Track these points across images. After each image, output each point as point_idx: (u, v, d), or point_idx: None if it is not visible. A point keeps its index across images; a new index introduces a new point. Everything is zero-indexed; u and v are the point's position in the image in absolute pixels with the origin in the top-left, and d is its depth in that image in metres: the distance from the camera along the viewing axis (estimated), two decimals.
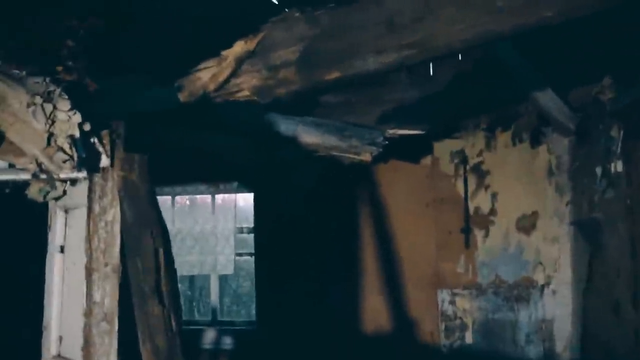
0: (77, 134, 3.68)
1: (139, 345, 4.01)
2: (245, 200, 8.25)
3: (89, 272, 3.96)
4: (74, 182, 4.02)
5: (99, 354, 3.91)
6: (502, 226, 6.87)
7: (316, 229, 7.41)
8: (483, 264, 6.95)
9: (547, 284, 6.57)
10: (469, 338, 6.98)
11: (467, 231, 7.06)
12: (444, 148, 7.22)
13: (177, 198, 8.17)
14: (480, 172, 7.04)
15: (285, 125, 4.99)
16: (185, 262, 8.01)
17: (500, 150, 6.92)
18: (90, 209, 3.99)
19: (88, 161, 3.84)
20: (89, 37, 3.67)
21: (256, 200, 7.83)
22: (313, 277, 7.37)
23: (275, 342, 7.29)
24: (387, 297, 7.36)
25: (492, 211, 6.95)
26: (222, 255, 8.02)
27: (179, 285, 4.25)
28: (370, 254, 7.42)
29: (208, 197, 8.11)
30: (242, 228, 8.09)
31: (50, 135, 3.66)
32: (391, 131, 5.60)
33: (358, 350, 7.18)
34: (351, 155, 5.26)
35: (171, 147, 4.82)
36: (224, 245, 8.01)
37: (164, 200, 7.81)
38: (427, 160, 7.34)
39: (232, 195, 8.13)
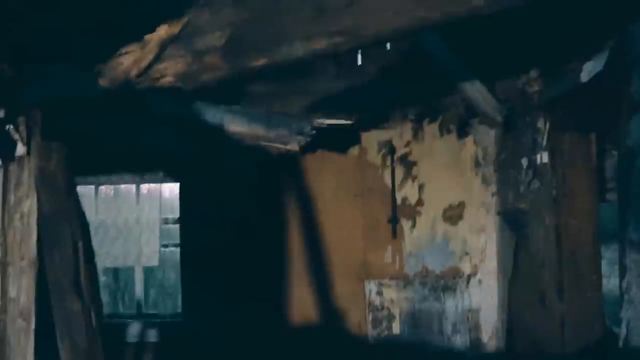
0: None
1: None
2: (171, 190, 8.09)
3: (3, 266, 3.80)
4: None
5: (15, 352, 3.76)
6: (429, 217, 6.91)
7: (244, 220, 7.31)
8: (410, 254, 6.97)
9: (474, 274, 6.64)
10: (396, 328, 7.00)
11: (394, 222, 7.07)
12: (371, 139, 7.20)
13: (101, 188, 7.96)
14: (407, 163, 7.05)
15: (211, 114, 4.88)
16: (109, 254, 7.83)
17: (428, 141, 6.94)
18: (5, 200, 3.83)
19: (3, 149, 3.71)
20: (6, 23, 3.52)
21: (182, 190, 7.69)
22: (239, 269, 7.27)
23: (202, 333, 7.18)
24: (315, 288, 7.31)
25: (419, 202, 6.97)
26: (147, 247, 7.86)
27: (103, 278, 4.13)
28: (298, 245, 7.37)
29: (133, 187, 7.92)
30: (167, 219, 7.94)
31: None
32: (319, 121, 5.55)
33: (285, 342, 7.13)
34: (279, 145, 5.19)
35: (92, 136, 4.66)
36: (149, 236, 7.85)
37: (86, 190, 7.61)
38: (355, 151, 7.31)
39: (158, 185, 7.97)
